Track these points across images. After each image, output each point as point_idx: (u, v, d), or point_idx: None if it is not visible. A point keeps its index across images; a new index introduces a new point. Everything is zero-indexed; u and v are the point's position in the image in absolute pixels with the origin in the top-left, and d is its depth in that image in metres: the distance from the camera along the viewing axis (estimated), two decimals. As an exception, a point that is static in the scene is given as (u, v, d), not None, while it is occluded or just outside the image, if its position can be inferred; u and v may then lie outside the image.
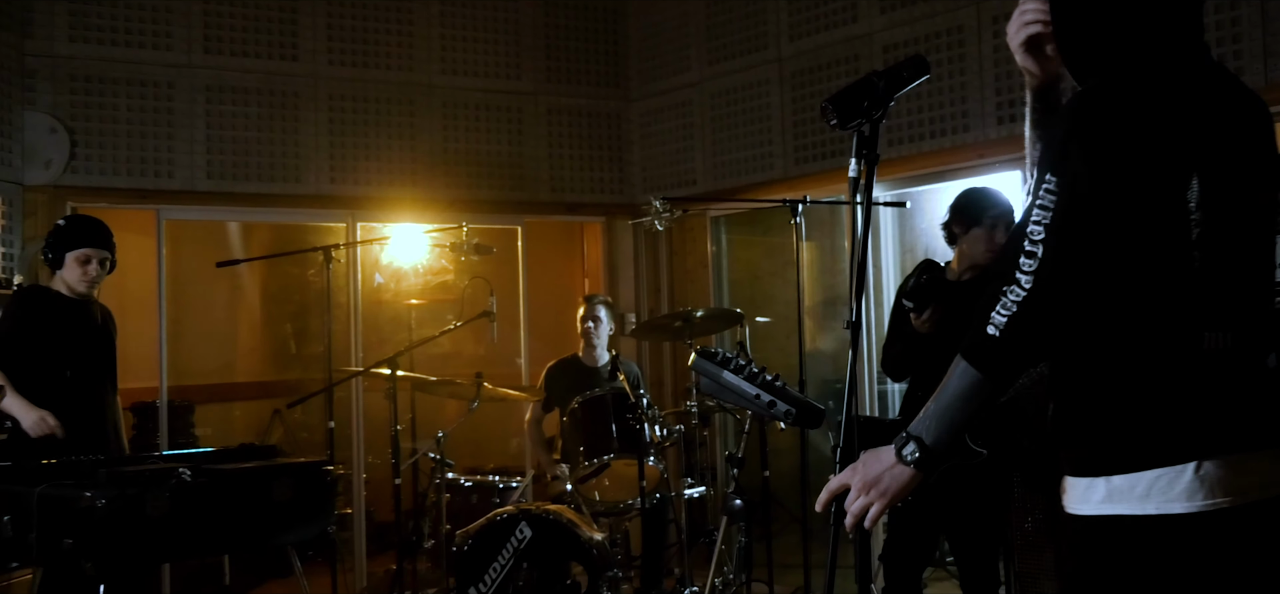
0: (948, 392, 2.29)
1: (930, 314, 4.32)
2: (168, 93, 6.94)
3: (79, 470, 4.30)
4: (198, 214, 7.27)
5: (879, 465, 2.38)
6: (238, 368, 8.71)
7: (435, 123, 7.67)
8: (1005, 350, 2.17)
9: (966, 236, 4.47)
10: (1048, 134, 2.26)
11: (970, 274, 4.50)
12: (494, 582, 5.44)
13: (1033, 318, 2.13)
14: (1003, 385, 2.25)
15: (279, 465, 4.63)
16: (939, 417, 2.32)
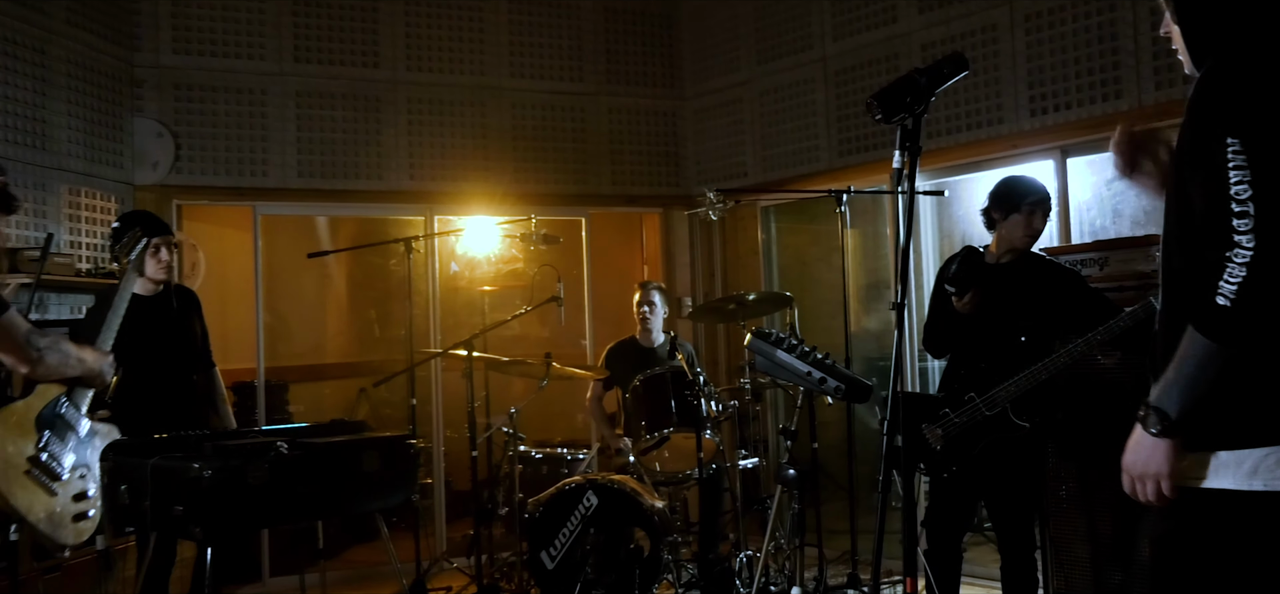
0: (1184, 365, 2.12)
1: (970, 296, 4.29)
2: (262, 98, 7.02)
3: (187, 444, 4.35)
4: (290, 209, 7.35)
5: (1139, 454, 2.21)
6: (327, 350, 8.80)
7: (505, 122, 7.70)
8: (1242, 316, 2.02)
9: (1005, 222, 4.43)
10: (1201, 103, 2.18)
11: (1009, 257, 4.46)
12: (563, 546, 5.47)
13: (1265, 275, 1.99)
14: (1242, 350, 2.06)
15: (367, 439, 4.66)
16: (1181, 387, 2.14)
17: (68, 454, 3.10)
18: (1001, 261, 4.47)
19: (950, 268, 4.33)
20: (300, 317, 8.57)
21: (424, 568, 6.34)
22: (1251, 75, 2.13)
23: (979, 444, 4.22)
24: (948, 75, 2.66)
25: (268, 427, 5.05)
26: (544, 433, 7.34)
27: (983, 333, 4.35)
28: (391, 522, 5.12)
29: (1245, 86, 2.11)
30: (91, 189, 6.30)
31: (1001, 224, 4.45)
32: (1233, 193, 2.02)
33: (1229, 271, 2.02)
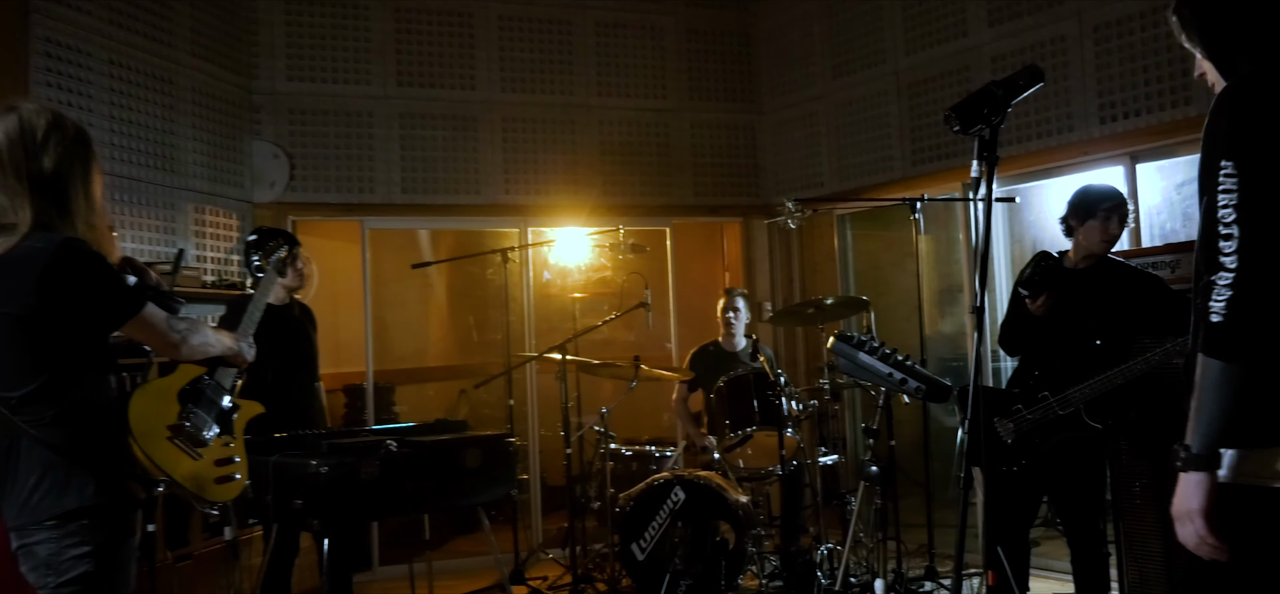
0: (1201, 395, 2.09)
1: (1044, 299, 4.23)
2: (368, 121, 7.15)
3: (305, 443, 4.45)
4: (395, 223, 7.47)
5: (1178, 495, 2.15)
6: (429, 354, 8.92)
7: (593, 139, 7.75)
8: (1232, 330, 2.02)
9: (1082, 228, 4.36)
10: (1210, 126, 2.16)
11: (1086, 263, 4.39)
12: (653, 538, 5.49)
13: (1248, 291, 2.00)
14: (1243, 363, 2.03)
15: (469, 437, 4.73)
16: (1198, 417, 2.10)
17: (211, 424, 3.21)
18: (1079, 267, 4.40)
19: (1026, 272, 4.28)
20: (405, 323, 8.70)
21: (522, 558, 6.41)
22: (1250, 100, 2.10)
23: (1050, 441, 4.15)
24: (1023, 87, 2.63)
25: (377, 426, 5.13)
26: (632, 431, 7.35)
27: (1058, 334, 4.28)
28: (491, 515, 5.17)
29: (1242, 111, 2.09)
30: (215, 207, 6.47)
31: (1079, 230, 4.38)
32: (1220, 216, 2.03)
33: (1216, 292, 2.02)
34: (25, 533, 2.63)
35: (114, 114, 5.73)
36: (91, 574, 2.58)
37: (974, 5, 6.72)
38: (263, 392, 4.86)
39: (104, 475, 2.65)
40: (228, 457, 3.27)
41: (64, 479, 2.60)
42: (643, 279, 6.35)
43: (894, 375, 2.90)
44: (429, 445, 4.49)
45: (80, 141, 2.78)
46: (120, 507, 2.68)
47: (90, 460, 2.63)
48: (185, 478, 3.03)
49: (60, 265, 2.61)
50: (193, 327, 2.97)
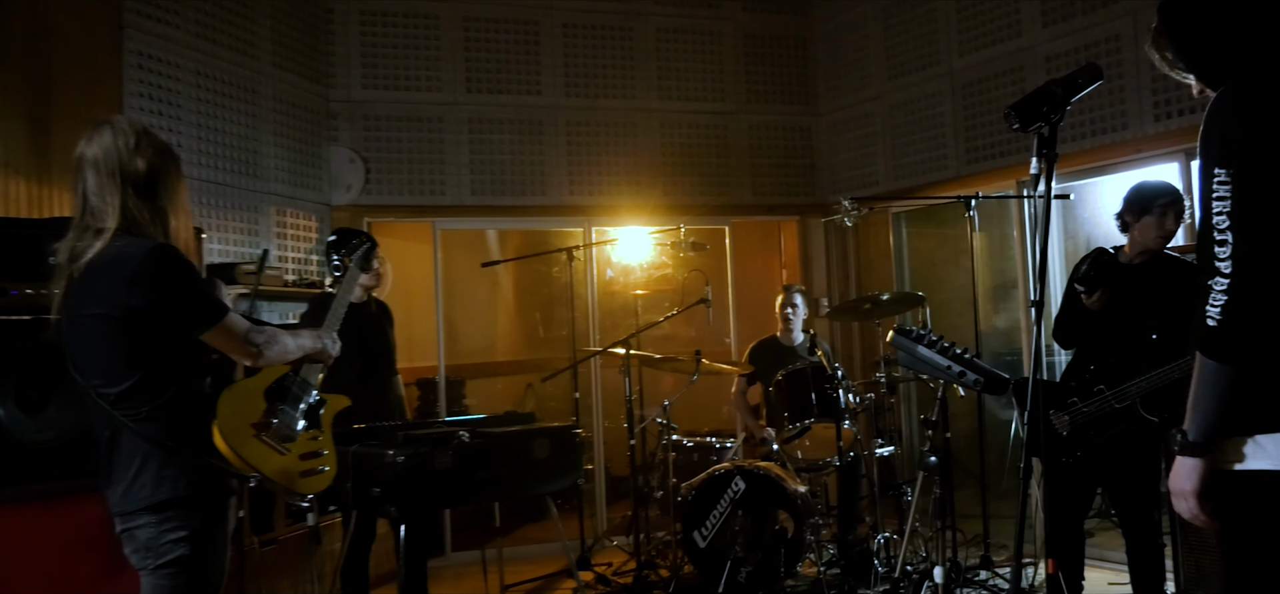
0: (1197, 388, 2.14)
1: (1099, 294, 4.15)
2: (439, 126, 7.21)
3: (383, 435, 4.49)
4: (464, 224, 7.53)
5: (1174, 473, 2.22)
6: (497, 349, 8.98)
7: (654, 141, 7.75)
8: (1227, 333, 2.04)
9: (1138, 224, 4.27)
10: (1204, 134, 2.16)
11: (1141, 258, 4.30)
12: (714, 526, 5.47)
13: (1243, 296, 2.02)
14: (1238, 365, 2.07)
15: (537, 429, 4.74)
16: (1194, 408, 2.15)
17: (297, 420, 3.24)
18: (1135, 262, 4.31)
19: (1082, 267, 4.20)
20: (474, 320, 8.76)
21: (588, 545, 6.44)
22: (1240, 108, 2.08)
23: (1105, 434, 4.07)
24: (1083, 85, 2.58)
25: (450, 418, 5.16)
26: (693, 424, 7.35)
27: (1114, 329, 4.19)
28: (558, 503, 5.19)
29: (1233, 119, 2.08)
30: (295, 210, 6.57)
31: (1135, 226, 4.29)
32: (1215, 222, 2.04)
33: (1212, 297, 2.04)
34: (127, 519, 2.69)
35: (201, 122, 5.84)
36: (187, 558, 2.64)
37: (1028, 6, 6.61)
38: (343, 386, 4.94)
39: (195, 469, 2.70)
40: (315, 450, 3.30)
41: (159, 471, 2.66)
42: (703, 276, 6.34)
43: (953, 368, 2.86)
44: (500, 436, 4.50)
45: (168, 150, 2.85)
46: (212, 496, 2.73)
47: (183, 455, 2.68)
48: (274, 473, 3.06)
49: (151, 269, 2.66)
50: (270, 338, 2.99)
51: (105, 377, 2.68)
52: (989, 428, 6.37)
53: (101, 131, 2.75)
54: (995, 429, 7.16)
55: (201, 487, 2.70)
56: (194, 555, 2.64)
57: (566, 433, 4.77)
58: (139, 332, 2.67)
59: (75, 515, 3.73)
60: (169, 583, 2.66)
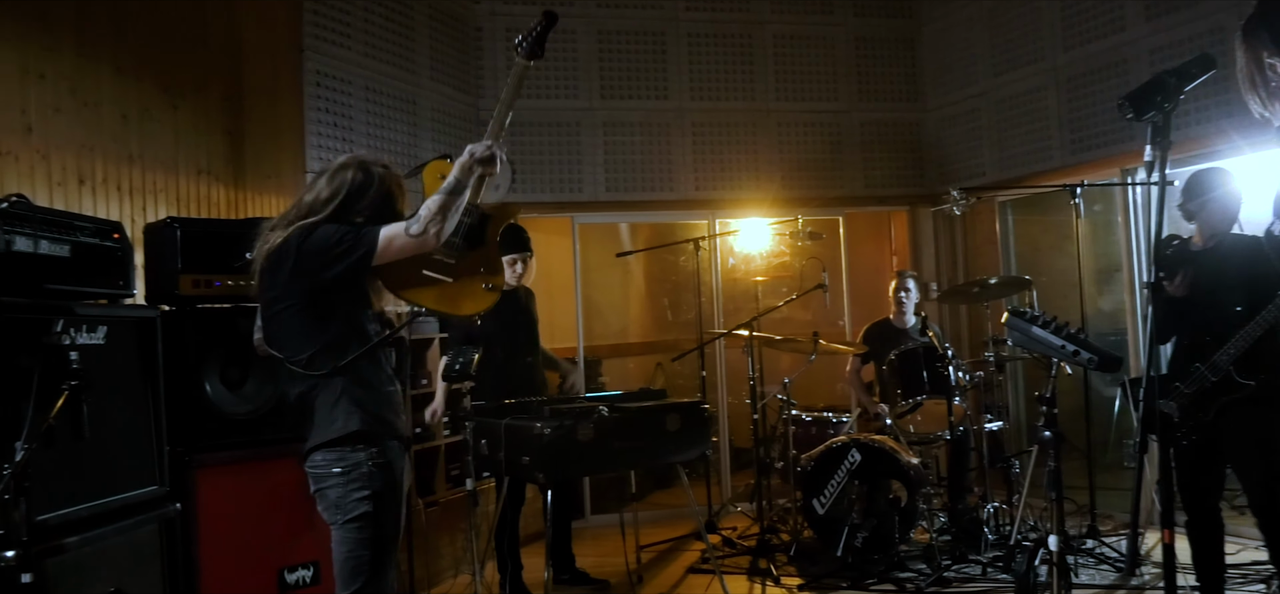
0: None
1: (1182, 278, 3.90)
2: (576, 130, 7.29)
3: (530, 409, 4.58)
4: (600, 218, 7.60)
5: None
6: (630, 331, 9.04)
7: (772, 139, 7.67)
8: None
9: (1202, 211, 4.02)
10: None
11: (1211, 242, 4.04)
12: (832, 495, 5.41)
13: None
14: None
15: (669, 404, 4.75)
16: None
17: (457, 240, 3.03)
18: (1207, 247, 4.05)
19: (1157, 257, 3.95)
20: (609, 305, 8.84)
21: (714, 510, 6.44)
22: None
23: (1210, 410, 3.84)
24: (1196, 75, 2.45)
25: (590, 394, 5.23)
26: (810, 400, 7.26)
27: (1201, 312, 3.93)
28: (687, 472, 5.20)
29: None
30: (451, 208, 6.71)
31: (1199, 214, 4.04)
32: None
33: None
34: (319, 480, 2.80)
35: (370, 133, 6.03)
36: (370, 514, 2.74)
37: (1132, 2, 6.30)
38: (495, 364, 5.05)
39: (374, 413, 2.80)
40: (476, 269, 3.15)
41: (347, 411, 2.78)
42: (820, 263, 6.27)
43: (1067, 347, 2.76)
44: (635, 411, 4.53)
45: (363, 180, 2.93)
46: (385, 436, 2.80)
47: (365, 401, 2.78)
48: (434, 303, 3.01)
49: (300, 243, 2.79)
50: (428, 214, 2.80)
51: (293, 350, 2.80)
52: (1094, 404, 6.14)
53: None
54: (1099, 405, 6.89)
55: (372, 425, 2.80)
56: (376, 513, 2.74)
57: (695, 408, 4.77)
58: (309, 309, 2.78)
59: (271, 478, 3.91)
60: (355, 536, 2.75)
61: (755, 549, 5.60)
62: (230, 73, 5.13)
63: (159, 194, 4.62)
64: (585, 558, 5.62)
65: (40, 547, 2.86)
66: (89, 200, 4.25)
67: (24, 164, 3.94)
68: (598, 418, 4.27)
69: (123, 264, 3.57)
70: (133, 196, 4.48)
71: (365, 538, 2.74)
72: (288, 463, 3.11)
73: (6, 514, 2.72)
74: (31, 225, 3.15)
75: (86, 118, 4.25)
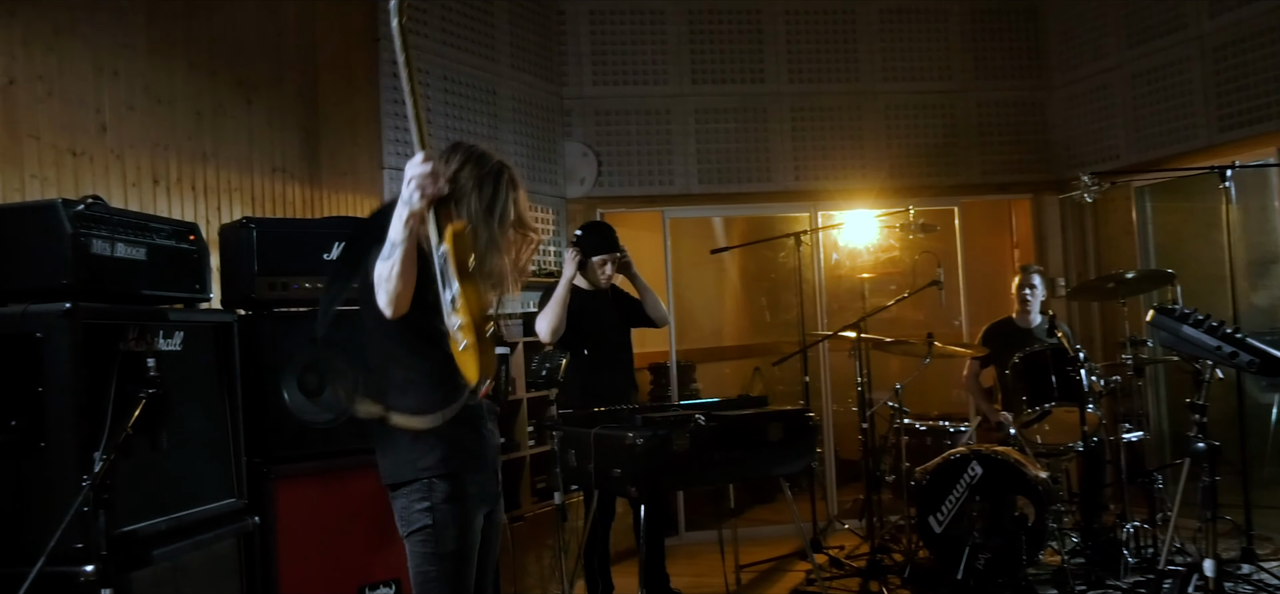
0: None
1: None
2: (666, 118, 7.28)
3: (621, 418, 4.58)
4: (693, 212, 7.58)
5: None
6: (725, 334, 9.00)
7: (879, 124, 7.56)
8: None
9: None
10: None
11: None
12: (950, 511, 5.30)
13: None
14: None
15: (771, 412, 4.72)
16: None
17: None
18: None
19: None
20: (703, 305, 8.82)
21: (820, 527, 6.37)
22: None
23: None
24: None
25: (685, 401, 5.21)
26: (922, 407, 7.14)
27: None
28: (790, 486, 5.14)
29: None
30: (533, 204, 6.79)
31: None
32: None
33: None
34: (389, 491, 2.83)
35: (448, 124, 6.12)
36: (429, 527, 2.73)
37: (1289, -41, 6.04)
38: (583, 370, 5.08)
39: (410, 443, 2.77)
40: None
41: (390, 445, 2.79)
42: (934, 257, 6.14)
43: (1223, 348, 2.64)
44: (734, 419, 4.51)
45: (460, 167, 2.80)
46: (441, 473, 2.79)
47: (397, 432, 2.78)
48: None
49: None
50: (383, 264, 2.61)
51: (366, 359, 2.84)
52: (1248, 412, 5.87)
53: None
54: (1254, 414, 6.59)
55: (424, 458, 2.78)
56: (435, 526, 2.73)
57: (799, 416, 4.73)
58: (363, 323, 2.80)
59: (350, 489, 3.99)
60: (419, 549, 2.77)
61: (866, 570, 5.52)
62: (304, 66, 5.25)
63: (233, 193, 4.76)
64: (680, 578, 5.60)
65: (120, 560, 2.96)
66: (163, 201, 4.40)
67: (99, 165, 4.10)
68: (694, 427, 4.26)
69: (199, 267, 3.68)
70: (207, 196, 4.62)
71: (428, 553, 2.75)
72: (367, 474, 3.15)
73: (86, 527, 2.82)
74: (108, 227, 3.26)
75: (160, 116, 4.40)
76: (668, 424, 4.30)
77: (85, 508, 2.80)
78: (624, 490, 4.40)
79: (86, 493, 2.77)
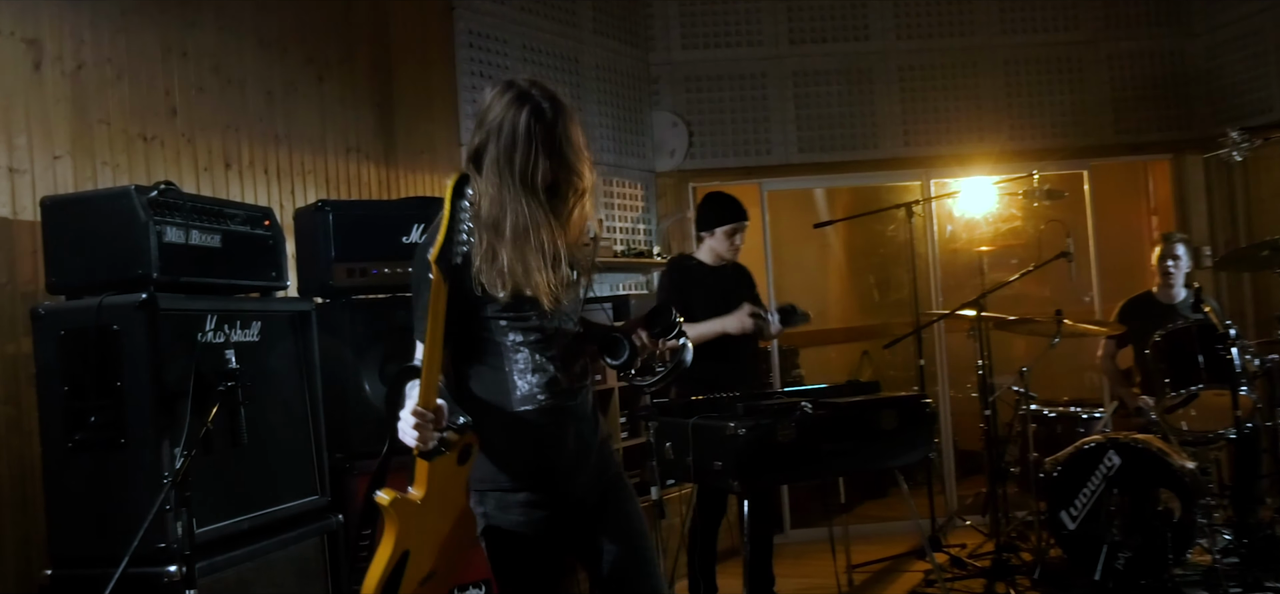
0: None
1: None
2: (762, 82, 7.24)
3: (722, 406, 4.58)
4: (793, 184, 7.53)
5: None
6: (829, 315, 8.93)
7: (997, 81, 7.41)
8: None
9: None
10: None
11: None
12: (1084, 506, 5.19)
13: None
14: None
15: (885, 398, 4.68)
16: None
17: None
18: None
19: None
20: (804, 284, 8.74)
21: (938, 524, 6.30)
22: None
23: None
24: None
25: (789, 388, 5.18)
26: (1050, 392, 6.99)
27: None
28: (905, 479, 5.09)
29: None
30: (620, 178, 6.82)
31: None
32: None
33: None
34: None
35: (529, 96, 6.16)
36: (485, 530, 2.68)
37: None
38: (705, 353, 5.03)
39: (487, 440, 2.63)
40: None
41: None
42: (1062, 227, 6.01)
43: (1403, 320, 2.53)
44: (846, 406, 4.48)
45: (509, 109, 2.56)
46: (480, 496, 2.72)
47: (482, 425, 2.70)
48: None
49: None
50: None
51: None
52: None
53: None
54: None
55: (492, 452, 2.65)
56: (488, 529, 2.67)
57: (915, 403, 4.68)
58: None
59: (436, 486, 4.05)
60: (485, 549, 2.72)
61: (990, 570, 5.45)
62: (377, 39, 5.35)
63: (307, 175, 4.88)
64: (786, 580, 5.59)
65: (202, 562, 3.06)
66: (236, 185, 4.53)
67: (170, 149, 4.23)
68: (801, 415, 4.24)
69: (275, 254, 3.78)
70: (280, 179, 4.75)
71: (490, 554, 2.70)
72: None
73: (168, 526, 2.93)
74: (182, 214, 3.37)
75: (231, 97, 4.53)
76: (772, 412, 4.29)
77: (167, 506, 2.90)
78: (725, 484, 4.40)
79: (168, 490, 2.87)
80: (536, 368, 2.60)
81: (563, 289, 2.60)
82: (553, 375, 2.61)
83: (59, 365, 3.20)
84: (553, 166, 2.53)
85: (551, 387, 2.61)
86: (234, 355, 3.36)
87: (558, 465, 2.65)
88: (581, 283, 2.74)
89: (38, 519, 3.42)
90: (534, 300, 2.55)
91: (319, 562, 3.73)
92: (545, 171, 2.53)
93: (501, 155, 2.53)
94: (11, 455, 3.52)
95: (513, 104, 2.54)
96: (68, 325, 3.20)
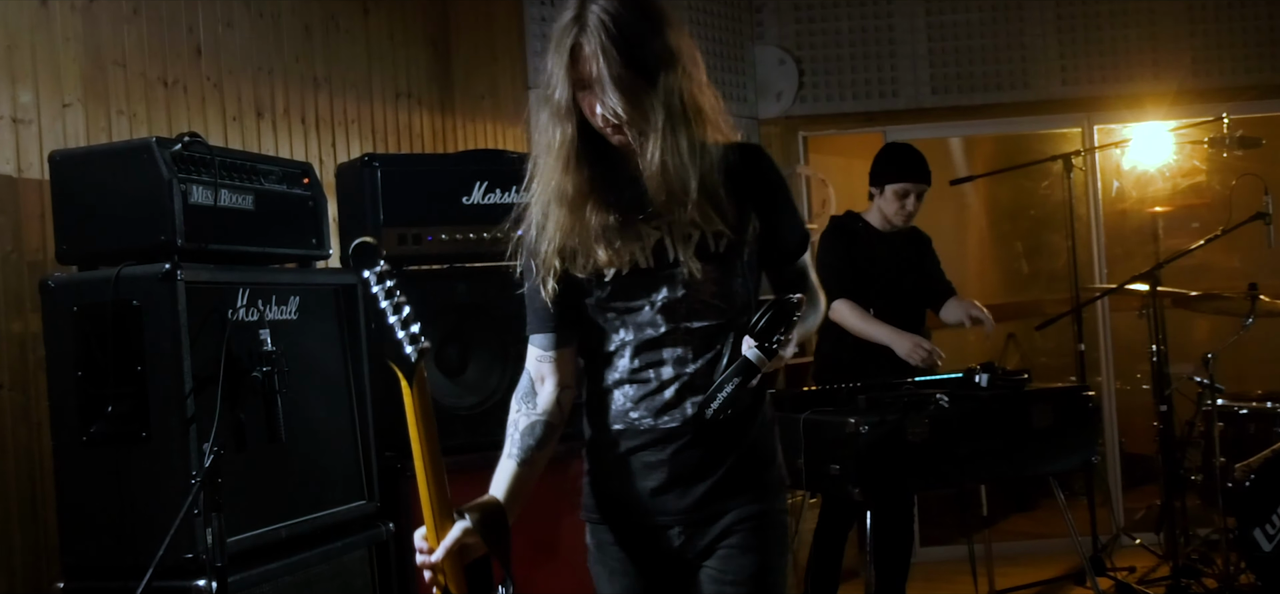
0: None
1: None
2: (887, 9, 7.18)
3: (840, 398, 4.57)
4: (923, 132, 7.44)
5: None
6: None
7: (1178, 6, 7.25)
8: None
9: None
10: None
11: None
12: (1284, 523, 5.14)
13: None
14: None
15: (1037, 390, 4.66)
16: None
17: None
18: None
19: None
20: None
21: (1102, 543, 6.24)
22: None
23: None
24: None
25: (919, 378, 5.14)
26: (1239, 384, 6.87)
27: None
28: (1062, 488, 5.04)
29: None
30: (717, 127, 6.80)
31: None
32: None
33: None
34: None
35: (609, 29, 6.18)
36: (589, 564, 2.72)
37: None
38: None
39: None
40: None
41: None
42: (1259, 182, 5.89)
43: None
44: (989, 401, 4.47)
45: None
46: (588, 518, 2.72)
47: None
48: None
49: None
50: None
51: None
52: None
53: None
54: None
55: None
56: (589, 564, 2.69)
57: (1075, 395, 4.67)
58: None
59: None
60: None
61: (1166, 600, 5.41)
62: (432, -33, 5.42)
63: (350, 126, 4.97)
64: (918, 606, 5.60)
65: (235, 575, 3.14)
66: (269, 137, 4.63)
67: (194, 95, 4.33)
68: (935, 410, 4.24)
69: (315, 217, 3.85)
70: (319, 130, 4.84)
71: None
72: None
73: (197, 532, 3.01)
74: (210, 171, 3.43)
75: (263, 32, 4.62)
76: (900, 406, 4.29)
77: (195, 510, 2.98)
78: (844, 492, 4.40)
79: (196, 492, 2.94)
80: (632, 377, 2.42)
81: (644, 256, 2.33)
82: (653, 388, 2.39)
83: (72, 347, 3.28)
84: (573, 90, 2.24)
85: (652, 404, 2.39)
86: (269, 336, 3.43)
87: (637, 497, 2.46)
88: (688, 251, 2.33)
89: (49, 524, 3.54)
90: (650, 282, 2.34)
91: (366, 576, 3.80)
92: (566, 100, 2.25)
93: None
94: (19, 450, 3.64)
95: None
96: (81, 301, 3.27)
